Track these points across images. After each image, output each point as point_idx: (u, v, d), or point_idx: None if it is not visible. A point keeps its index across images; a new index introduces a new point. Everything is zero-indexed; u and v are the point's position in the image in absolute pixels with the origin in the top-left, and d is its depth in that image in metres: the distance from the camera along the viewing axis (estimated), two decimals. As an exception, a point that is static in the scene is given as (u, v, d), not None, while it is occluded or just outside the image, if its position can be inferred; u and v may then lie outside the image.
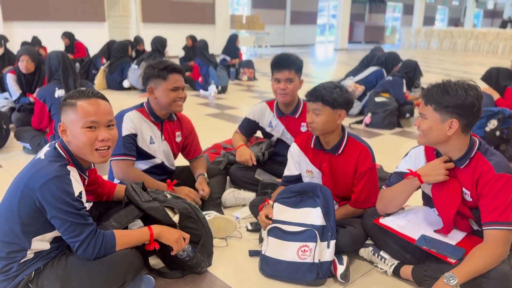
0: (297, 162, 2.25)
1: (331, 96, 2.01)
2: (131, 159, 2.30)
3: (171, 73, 2.29)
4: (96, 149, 1.61)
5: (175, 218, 1.82)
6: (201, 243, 1.89)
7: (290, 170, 2.29)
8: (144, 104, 2.40)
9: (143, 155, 2.40)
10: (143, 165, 2.43)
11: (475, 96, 1.63)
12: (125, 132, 2.28)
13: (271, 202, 2.11)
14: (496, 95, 4.06)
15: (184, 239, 1.79)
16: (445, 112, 1.65)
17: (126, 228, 1.75)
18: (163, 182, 2.36)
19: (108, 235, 1.60)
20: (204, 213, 2.21)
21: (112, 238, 1.60)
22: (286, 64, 2.56)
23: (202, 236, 1.90)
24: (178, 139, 2.53)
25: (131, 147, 2.29)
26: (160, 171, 2.49)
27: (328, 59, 14.39)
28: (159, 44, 6.93)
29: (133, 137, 2.31)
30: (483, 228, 1.66)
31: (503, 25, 22.29)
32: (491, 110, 3.63)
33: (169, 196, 1.94)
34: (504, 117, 3.58)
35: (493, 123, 3.58)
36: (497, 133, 3.57)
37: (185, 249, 1.80)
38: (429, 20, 25.32)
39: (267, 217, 2.05)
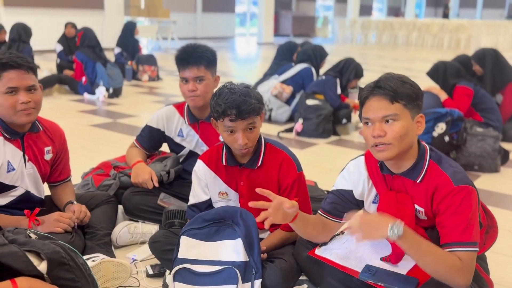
0: (206, 185, 2.24)
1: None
2: None
3: (3, 71, 2.11)
4: None
5: (42, 267, 1.69)
6: (80, 299, 1.76)
7: (196, 196, 2.27)
8: None
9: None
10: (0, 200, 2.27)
11: None
12: None
13: None
14: (443, 96, 4.38)
15: None
16: (414, 106, 1.71)
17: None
18: (22, 215, 2.22)
19: None
20: (86, 257, 2.12)
21: None
22: (193, 59, 2.53)
23: (82, 289, 1.78)
24: (48, 156, 2.41)
25: None
26: (24, 204, 2.32)
27: (251, 55, 14.68)
28: (23, 31, 6.72)
29: None
30: (443, 251, 1.71)
31: (445, 15, 24.72)
32: (438, 112, 3.89)
33: (33, 236, 1.80)
34: (453, 120, 3.85)
35: (441, 127, 3.84)
36: (446, 138, 3.83)
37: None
38: (366, 10, 27.02)
39: None
